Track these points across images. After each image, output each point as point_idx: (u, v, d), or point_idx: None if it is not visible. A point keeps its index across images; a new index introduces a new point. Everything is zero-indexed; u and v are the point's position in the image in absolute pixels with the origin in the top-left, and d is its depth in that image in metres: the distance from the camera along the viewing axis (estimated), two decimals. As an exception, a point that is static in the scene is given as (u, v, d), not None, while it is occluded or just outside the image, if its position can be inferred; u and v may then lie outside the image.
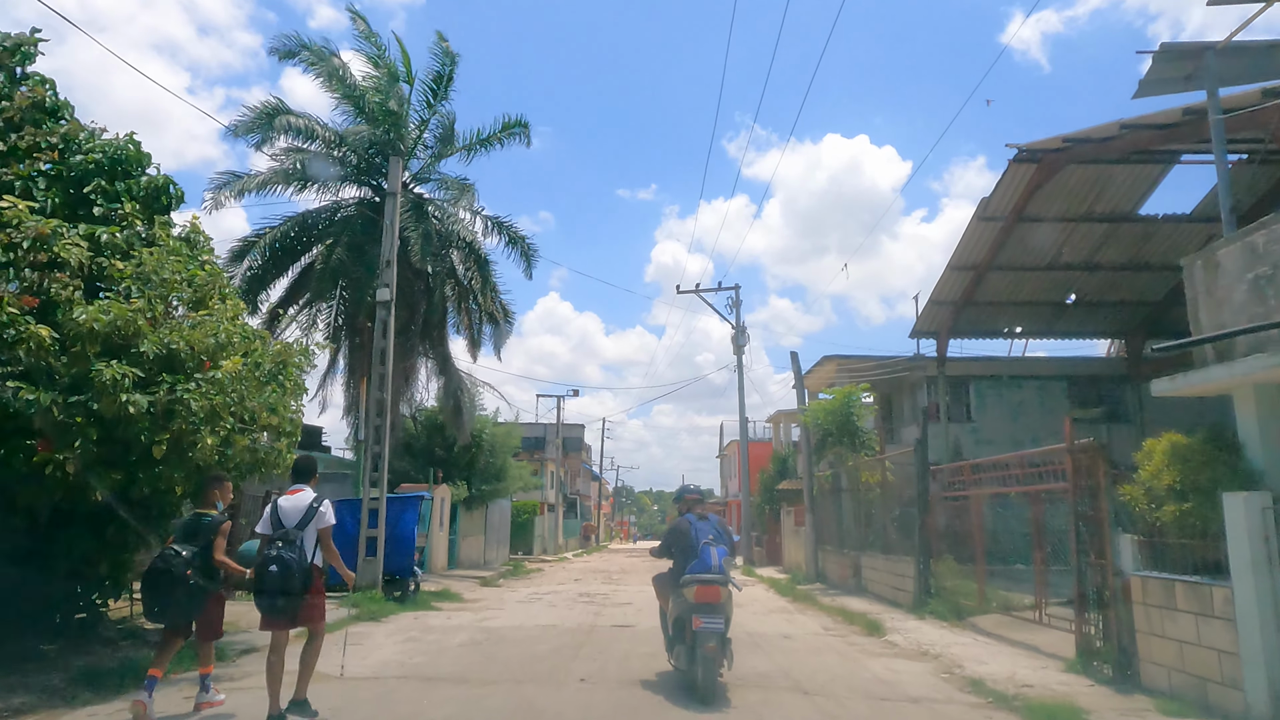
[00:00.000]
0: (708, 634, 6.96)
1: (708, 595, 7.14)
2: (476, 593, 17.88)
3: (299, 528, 6.06)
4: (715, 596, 7.15)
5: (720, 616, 7.12)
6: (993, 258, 18.64)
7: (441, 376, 22.82)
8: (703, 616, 7.04)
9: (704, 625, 6.99)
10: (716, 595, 7.16)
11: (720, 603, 7.18)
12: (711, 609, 7.10)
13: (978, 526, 12.01)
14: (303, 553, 5.99)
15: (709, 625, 7.00)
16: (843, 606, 14.31)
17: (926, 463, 13.91)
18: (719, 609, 7.14)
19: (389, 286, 15.44)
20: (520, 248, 22.93)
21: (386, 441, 15.22)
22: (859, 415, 18.61)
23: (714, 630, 7.00)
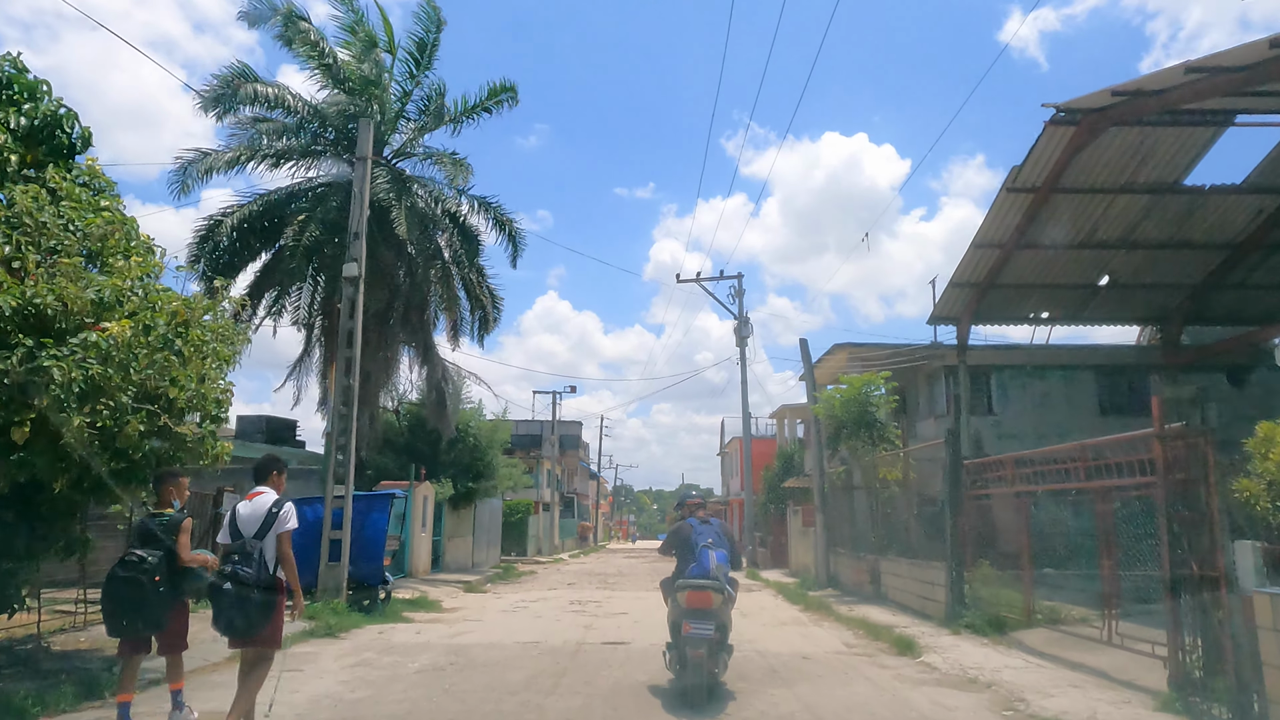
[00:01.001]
0: (696, 640, 6.75)
1: (698, 600, 6.95)
2: (457, 600, 16.30)
3: (257, 537, 5.43)
4: (706, 602, 6.94)
5: (710, 623, 6.86)
6: (1021, 234, 17.06)
7: (424, 366, 21.26)
8: (692, 622, 6.86)
9: (692, 631, 6.80)
10: (708, 601, 6.94)
11: (712, 608, 6.93)
12: (702, 614, 6.88)
13: (1024, 529, 10.43)
14: (262, 565, 5.37)
15: (697, 631, 6.79)
16: (863, 618, 12.74)
17: (959, 456, 12.35)
18: (710, 615, 6.91)
19: (357, 261, 13.86)
20: (508, 231, 21.40)
21: (354, 432, 13.65)
22: (877, 406, 17.03)
23: (703, 636, 6.76)
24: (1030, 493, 10.42)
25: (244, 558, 5.35)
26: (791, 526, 25.74)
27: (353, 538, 12.94)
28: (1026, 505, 10.42)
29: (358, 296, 13.86)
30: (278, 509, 5.52)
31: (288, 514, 5.56)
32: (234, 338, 8.59)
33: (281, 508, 5.54)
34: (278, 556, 5.47)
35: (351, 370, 13.72)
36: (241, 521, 5.51)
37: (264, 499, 5.61)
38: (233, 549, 5.45)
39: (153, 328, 6.67)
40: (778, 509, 30.72)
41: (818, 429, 20.02)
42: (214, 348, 7.44)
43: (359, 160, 14.55)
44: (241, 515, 5.54)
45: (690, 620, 6.91)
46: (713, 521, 7.80)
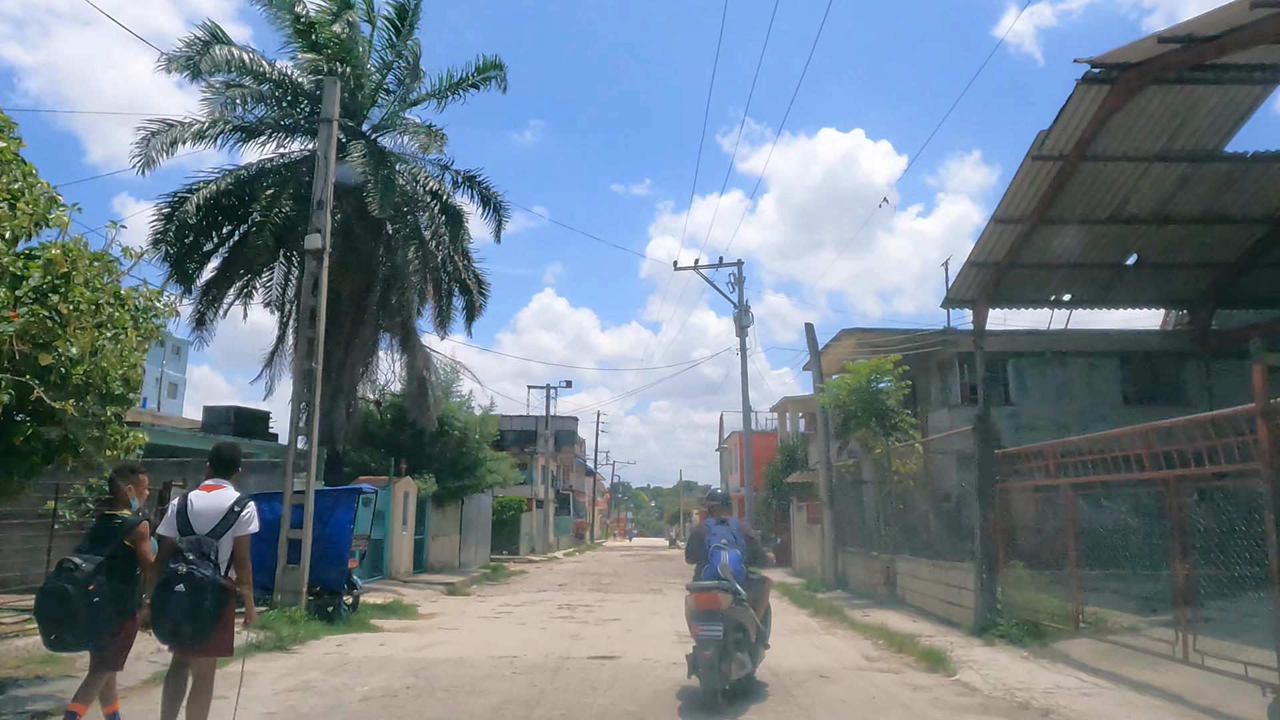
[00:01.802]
0: (705, 642, 6.73)
1: (705, 602, 6.89)
2: (436, 604, 15.02)
3: (214, 535, 4.95)
4: (714, 603, 6.85)
5: (718, 624, 6.78)
6: (1046, 207, 15.72)
7: (404, 354, 19.97)
8: (701, 624, 6.84)
9: (701, 633, 6.79)
10: (715, 602, 6.85)
11: (720, 610, 6.83)
12: (710, 616, 6.82)
13: (1072, 526, 9.15)
14: (217, 568, 4.90)
15: (706, 633, 6.75)
16: (882, 625, 11.47)
17: (990, 445, 11.08)
18: (718, 616, 6.82)
19: (320, 233, 12.57)
20: (493, 205, 20.09)
21: (316, 419, 12.36)
22: (887, 393, 15.75)
23: (711, 638, 6.71)
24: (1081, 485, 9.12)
25: (200, 556, 4.84)
26: (795, 524, 24.48)
27: (315, 537, 11.65)
28: (1073, 499, 9.13)
29: (321, 272, 12.56)
30: (240, 508, 5.06)
31: (251, 515, 5.12)
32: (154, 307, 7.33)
33: (245, 507, 5.09)
34: (231, 558, 5.02)
35: (314, 352, 12.41)
36: (195, 515, 4.99)
37: (224, 494, 5.13)
38: (184, 546, 4.89)
39: (23, 277, 5.36)
40: (780, 505, 29.49)
41: (824, 419, 18.74)
42: (112, 313, 6.10)
43: (324, 122, 13.25)
44: (196, 508, 5.01)
45: (699, 622, 6.86)
46: (730, 521, 7.70)
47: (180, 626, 4.74)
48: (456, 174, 20.13)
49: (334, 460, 19.58)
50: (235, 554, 5.02)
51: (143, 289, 7.44)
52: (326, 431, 19.27)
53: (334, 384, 18.85)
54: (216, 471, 5.30)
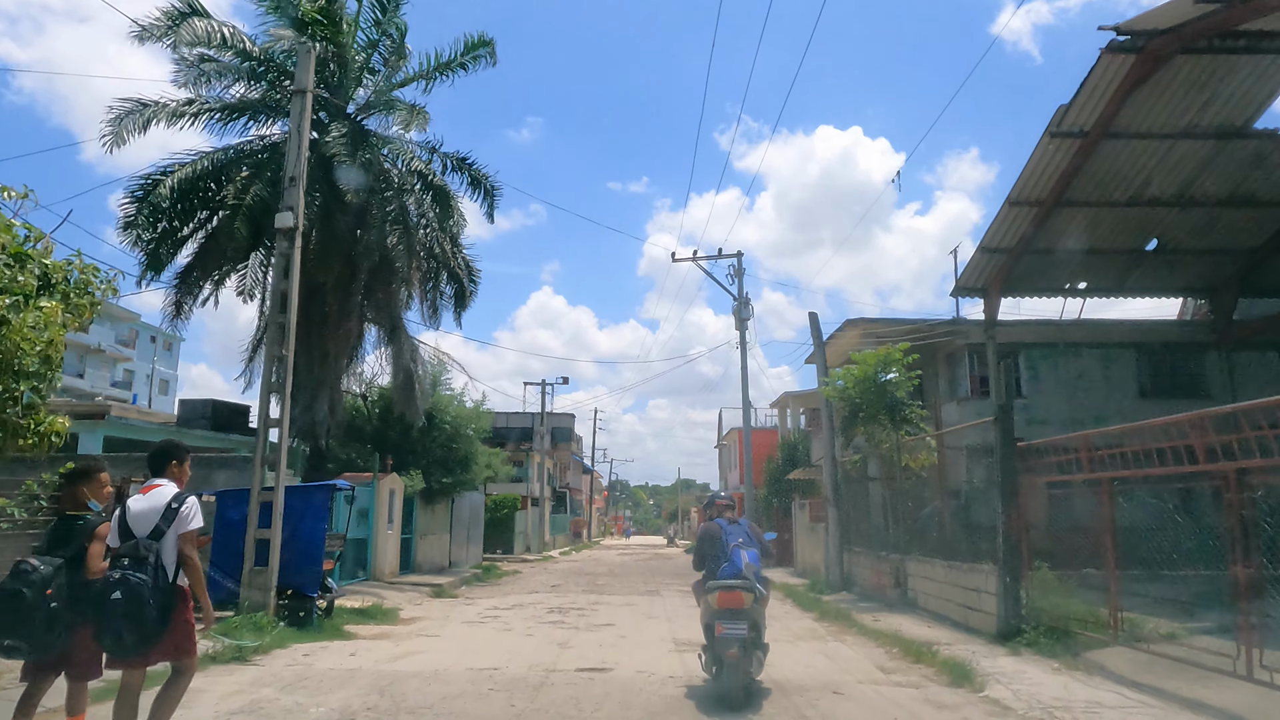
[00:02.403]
0: (729, 640, 6.71)
1: (730, 601, 6.92)
2: (419, 608, 14.19)
3: (153, 537, 4.75)
4: (738, 602, 6.90)
5: (743, 623, 6.83)
6: (1064, 188, 14.91)
7: (389, 344, 19.11)
8: (725, 623, 6.82)
9: (725, 632, 6.76)
10: (739, 601, 6.91)
11: (744, 608, 6.91)
12: (734, 614, 6.86)
13: (1109, 524, 8.32)
14: (159, 571, 4.66)
15: (730, 632, 6.75)
16: (895, 631, 10.65)
17: (1012, 438, 10.26)
18: (742, 615, 6.88)
19: (293, 210, 11.75)
20: (484, 189, 19.22)
21: (287, 409, 11.52)
22: (896, 384, 14.92)
23: (735, 637, 6.72)
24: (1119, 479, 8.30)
25: (136, 562, 4.62)
26: (797, 522, 23.66)
27: (285, 537, 10.82)
28: (1110, 495, 8.30)
29: (293, 252, 11.73)
30: (178, 504, 4.82)
31: (191, 510, 4.86)
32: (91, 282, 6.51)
33: (183, 503, 4.84)
34: (179, 561, 4.75)
35: (286, 338, 11.56)
36: (133, 519, 4.80)
37: (161, 493, 4.89)
38: (122, 551, 4.68)
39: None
40: (781, 503, 28.67)
41: (828, 413, 17.92)
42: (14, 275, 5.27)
43: (297, 93, 12.40)
44: (133, 512, 4.81)
45: (723, 621, 6.85)
46: (741, 522, 7.75)
47: (122, 637, 4.54)
48: (445, 156, 19.29)
49: (317, 456, 18.73)
50: (180, 553, 4.76)
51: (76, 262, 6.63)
52: (309, 426, 18.46)
53: (316, 376, 18.01)
54: (153, 470, 5.09)
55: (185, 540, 4.78)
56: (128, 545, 4.70)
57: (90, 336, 55.32)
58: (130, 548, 4.67)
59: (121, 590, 4.50)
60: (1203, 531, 7.48)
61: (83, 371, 54.22)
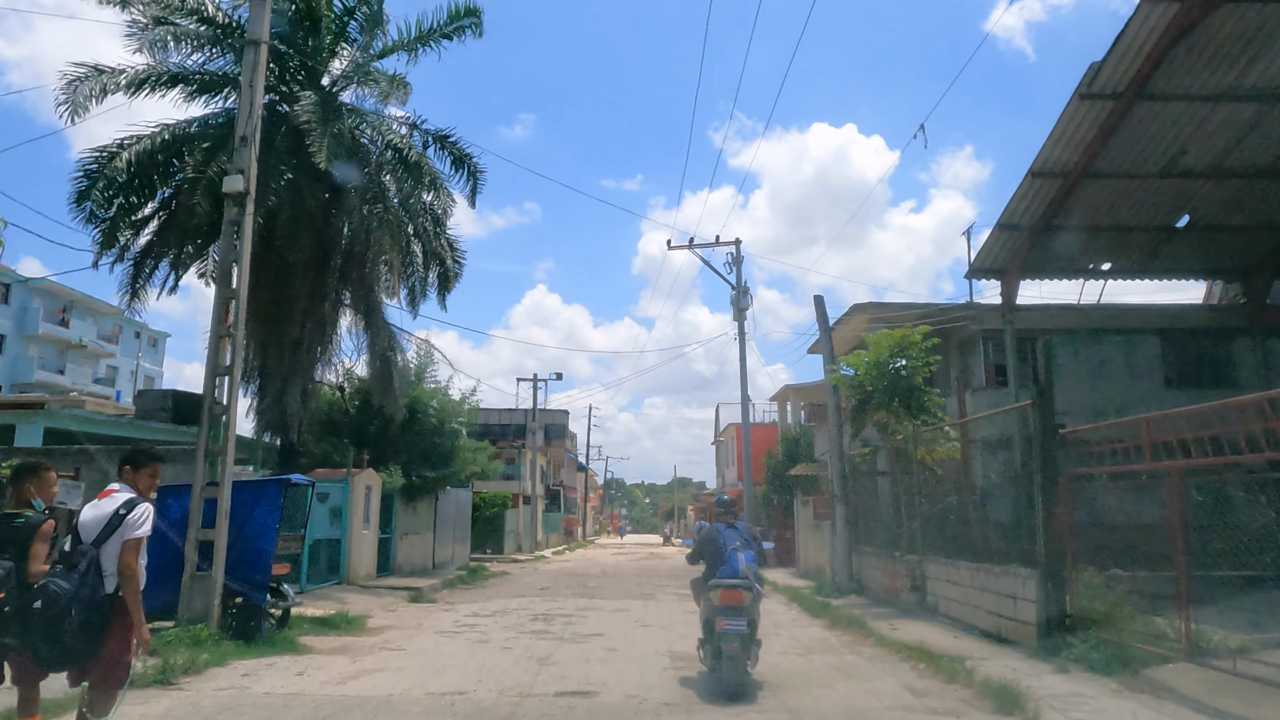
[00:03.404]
0: (730, 635, 7.09)
1: (730, 599, 7.28)
2: (392, 615, 12.97)
3: (96, 543, 4.41)
4: (738, 600, 7.28)
5: (742, 619, 7.22)
6: (1092, 157, 13.78)
7: (367, 331, 17.89)
8: (725, 619, 7.18)
9: (726, 627, 7.13)
10: (739, 599, 7.28)
11: (743, 606, 7.27)
12: (734, 611, 7.22)
13: (1178, 520, 7.13)
14: (92, 580, 4.27)
15: (731, 627, 7.12)
16: (918, 642, 9.45)
17: (1054, 424, 9.09)
18: (742, 611, 7.25)
19: (244, 174, 10.48)
20: (467, 168, 18.03)
21: (236, 393, 10.29)
22: (914, 370, 13.73)
23: (736, 632, 7.10)
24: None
25: (66, 569, 4.36)
26: (800, 520, 22.48)
27: (231, 538, 9.59)
28: (1179, 487, 7.11)
29: (244, 220, 10.46)
30: (127, 510, 4.54)
31: (138, 518, 4.55)
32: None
33: (132, 509, 4.55)
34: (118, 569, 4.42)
35: (236, 316, 10.32)
36: (83, 525, 4.59)
37: (114, 498, 4.64)
38: (60, 557, 4.51)
39: None
40: (782, 500, 27.51)
41: (835, 402, 16.73)
42: None
43: (250, 44, 11.13)
44: (84, 518, 4.62)
45: (724, 617, 7.21)
46: (738, 525, 8.04)
47: (38, 648, 4.23)
48: (426, 133, 18.08)
49: (288, 451, 17.51)
50: (120, 562, 4.41)
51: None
52: (279, 418, 17.25)
53: (287, 365, 16.81)
54: (120, 474, 4.85)
55: (127, 548, 4.44)
56: (66, 553, 4.46)
57: (71, 331, 53.97)
58: (67, 555, 4.43)
59: (41, 598, 4.20)
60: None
61: (63, 368, 52.83)
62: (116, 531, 4.45)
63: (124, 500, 4.59)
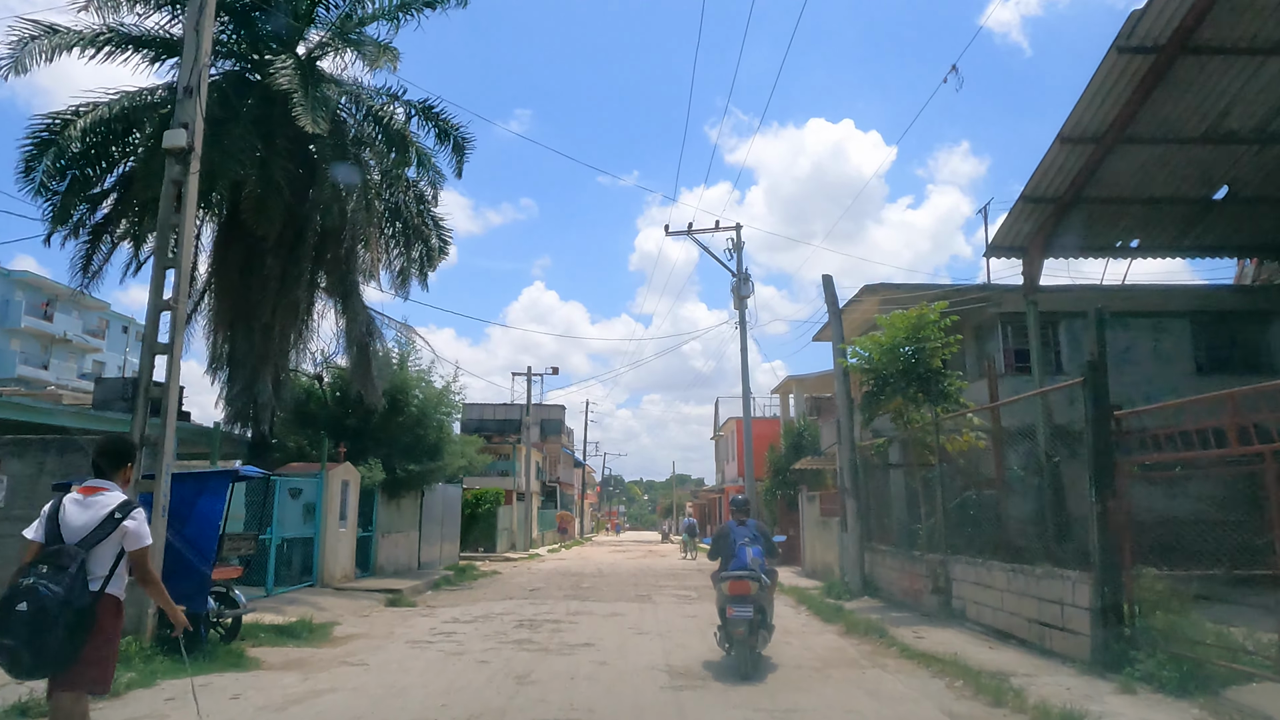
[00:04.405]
0: (738, 621, 7.84)
1: (739, 589, 8.02)
2: (363, 622, 11.82)
3: (85, 545, 4.13)
4: (745, 590, 7.99)
5: (749, 606, 7.91)
6: (1129, 118, 12.63)
7: (343, 316, 16.72)
8: (734, 607, 7.92)
9: (735, 614, 7.87)
10: (746, 589, 8.00)
11: (750, 595, 7.98)
12: (742, 600, 7.94)
13: (1277, 514, 5.98)
14: (80, 583, 4.04)
15: (739, 614, 7.84)
16: (950, 654, 8.31)
17: (1108, 404, 7.96)
18: (749, 600, 7.95)
19: (187, 129, 9.31)
20: (453, 141, 16.85)
21: (177, 374, 9.09)
22: (933, 352, 12.57)
23: (744, 618, 7.81)
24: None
25: (54, 570, 4.01)
26: (805, 516, 21.34)
27: (168, 538, 8.42)
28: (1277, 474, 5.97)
29: (188, 179, 9.29)
30: (123, 515, 4.21)
31: (140, 527, 4.26)
32: None
33: (128, 514, 4.22)
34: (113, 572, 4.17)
35: (179, 287, 9.13)
36: (67, 521, 4.19)
37: (105, 498, 4.26)
38: (42, 557, 4.10)
39: None
40: (786, 496, 26.36)
41: (846, 389, 15.58)
42: None
43: (196, -17, 9.92)
44: (69, 514, 4.21)
45: (733, 605, 7.95)
46: (749, 522, 8.83)
47: (18, 654, 3.94)
48: (409, 104, 16.90)
49: (260, 444, 16.36)
50: (136, 570, 4.33)
51: None
52: (248, 409, 16.11)
53: (257, 352, 15.66)
54: (96, 470, 4.45)
55: (139, 562, 4.29)
56: (52, 549, 4.14)
57: (56, 326, 52.72)
58: (53, 554, 4.11)
59: (29, 601, 3.94)
60: None
61: (47, 363, 51.58)
62: (111, 537, 4.18)
63: (118, 503, 4.28)
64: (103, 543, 4.19)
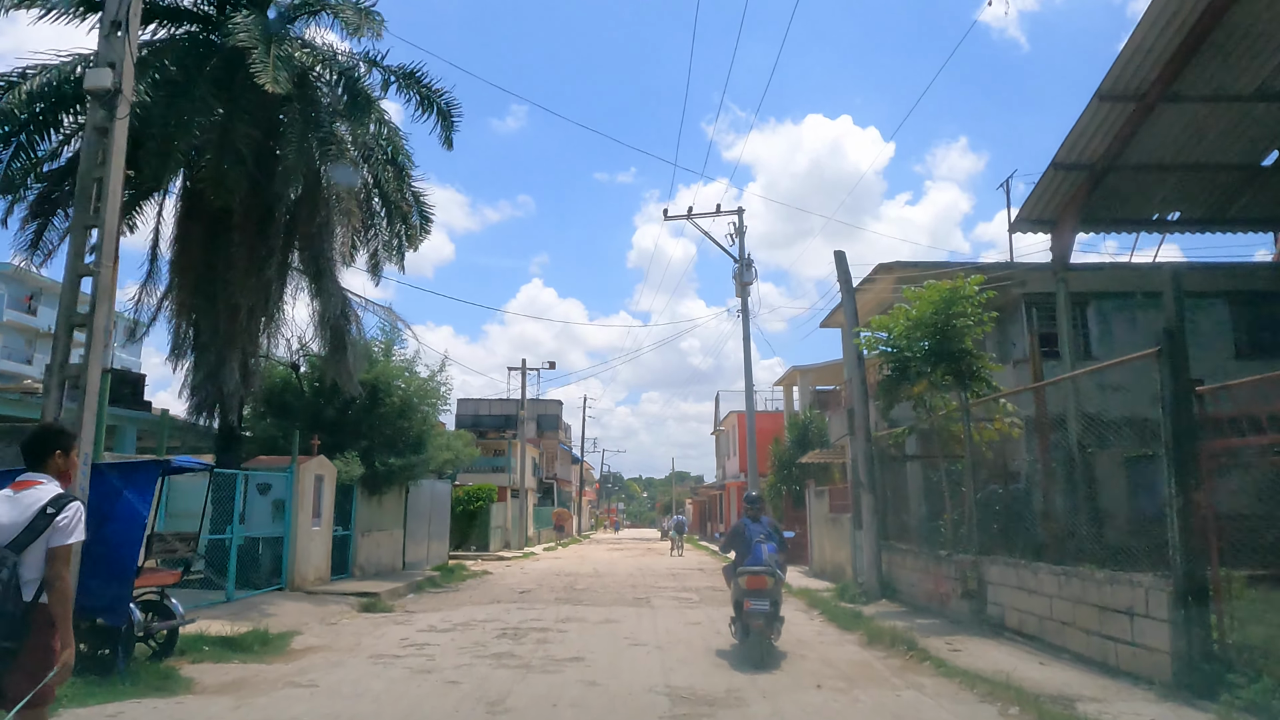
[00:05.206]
0: (755, 614, 8.32)
1: (755, 583, 8.51)
2: (328, 631, 10.60)
3: (15, 547, 3.58)
4: (762, 584, 8.50)
5: (766, 600, 8.42)
6: (1177, 71, 11.42)
7: (316, 297, 15.49)
8: (751, 600, 8.42)
9: (752, 607, 8.37)
10: (763, 583, 8.51)
11: (766, 588, 8.50)
12: (758, 594, 8.45)
13: None
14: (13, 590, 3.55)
15: (756, 607, 8.34)
16: (995, 670, 7.11)
17: (1188, 379, 6.75)
18: (765, 593, 8.47)
19: (113, 68, 8.07)
20: (437, 108, 15.62)
21: (100, 351, 7.90)
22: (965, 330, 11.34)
23: (760, 611, 8.32)
24: None
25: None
26: (814, 513, 20.13)
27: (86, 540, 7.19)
28: None
29: (114, 126, 8.05)
30: (56, 509, 3.65)
31: (71, 520, 3.68)
32: None
33: (61, 509, 3.66)
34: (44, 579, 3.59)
35: (100, 251, 7.90)
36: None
37: (36, 493, 3.69)
38: None
39: None
40: (791, 491, 25.16)
41: (861, 375, 14.36)
42: None
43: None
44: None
45: (750, 598, 8.45)
46: (763, 519, 9.28)
47: None
48: (388, 69, 15.65)
49: (228, 435, 15.16)
50: (48, 571, 3.60)
51: None
52: (214, 397, 14.88)
53: (223, 335, 14.43)
54: (30, 462, 3.83)
55: (56, 557, 3.62)
56: None
57: (40, 320, 51.38)
58: None
59: None
60: None
61: (30, 358, 50.25)
62: (43, 535, 3.64)
63: (51, 497, 3.73)
64: (35, 544, 3.66)
